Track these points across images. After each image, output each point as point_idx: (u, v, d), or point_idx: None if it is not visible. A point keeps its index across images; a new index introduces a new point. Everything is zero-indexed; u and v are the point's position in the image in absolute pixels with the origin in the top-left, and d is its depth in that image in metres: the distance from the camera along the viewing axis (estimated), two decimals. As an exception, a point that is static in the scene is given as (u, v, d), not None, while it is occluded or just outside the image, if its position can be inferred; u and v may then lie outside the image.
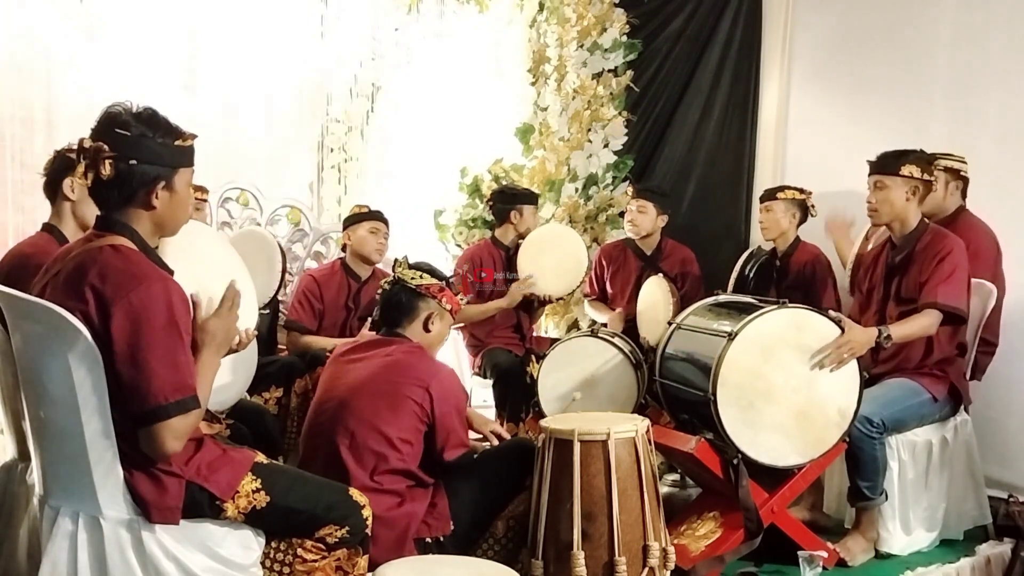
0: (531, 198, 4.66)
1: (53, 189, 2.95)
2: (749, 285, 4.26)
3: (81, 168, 2.08)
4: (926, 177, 3.40)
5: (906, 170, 3.38)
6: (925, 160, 3.41)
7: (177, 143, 2.14)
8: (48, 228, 2.93)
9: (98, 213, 2.18)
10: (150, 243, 2.17)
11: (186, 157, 2.18)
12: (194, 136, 2.18)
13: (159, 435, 2.02)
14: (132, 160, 2.06)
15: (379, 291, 3.00)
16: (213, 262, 2.42)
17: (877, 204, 3.44)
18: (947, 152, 3.84)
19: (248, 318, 2.43)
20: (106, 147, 2.04)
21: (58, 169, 2.92)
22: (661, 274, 4.33)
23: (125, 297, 2.00)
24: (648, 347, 4.20)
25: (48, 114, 4.14)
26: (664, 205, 4.66)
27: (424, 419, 2.75)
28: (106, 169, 2.04)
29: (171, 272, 2.16)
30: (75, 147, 2.76)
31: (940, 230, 3.47)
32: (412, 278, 2.90)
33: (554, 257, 4.41)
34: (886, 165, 3.43)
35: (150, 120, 2.10)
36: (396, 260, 2.98)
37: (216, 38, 4.65)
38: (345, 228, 4.24)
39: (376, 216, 4.20)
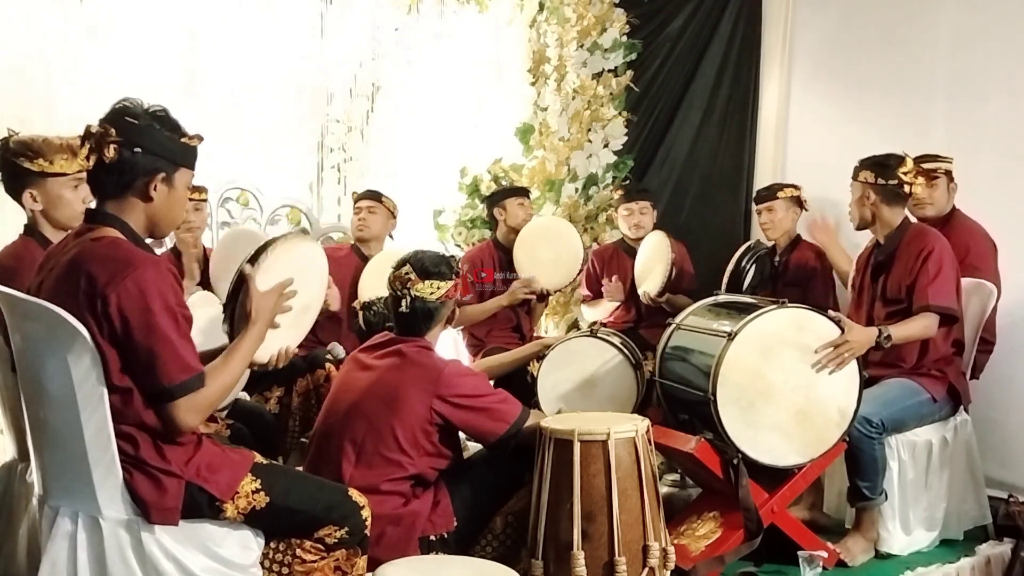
0: (512, 192, 4.66)
1: (14, 197, 2.81)
2: (744, 276, 4.25)
3: (84, 150, 2.10)
4: (881, 181, 3.43)
5: (860, 176, 3.49)
6: (883, 165, 3.44)
7: (183, 140, 2.18)
8: (29, 231, 2.82)
9: (88, 207, 2.20)
10: (142, 237, 2.19)
11: (189, 156, 2.21)
12: (200, 138, 2.22)
13: (172, 413, 2.07)
14: (137, 148, 2.09)
15: (383, 301, 2.96)
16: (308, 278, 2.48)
17: (850, 209, 3.58)
18: (931, 154, 3.84)
19: (292, 338, 2.49)
20: (113, 131, 2.07)
21: (12, 178, 2.78)
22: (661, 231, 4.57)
23: (120, 285, 2.02)
24: (648, 300, 4.49)
25: (48, 114, 4.13)
26: (657, 203, 4.86)
27: (438, 421, 2.75)
28: (110, 153, 2.07)
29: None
30: (10, 144, 2.73)
31: (921, 228, 3.50)
32: (431, 293, 2.83)
33: (550, 250, 4.44)
34: (853, 172, 3.54)
35: (160, 115, 2.15)
36: (400, 278, 2.87)
37: (216, 38, 4.64)
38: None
39: (363, 195, 4.31)
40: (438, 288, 2.84)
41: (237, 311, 2.28)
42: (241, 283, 2.29)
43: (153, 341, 2.03)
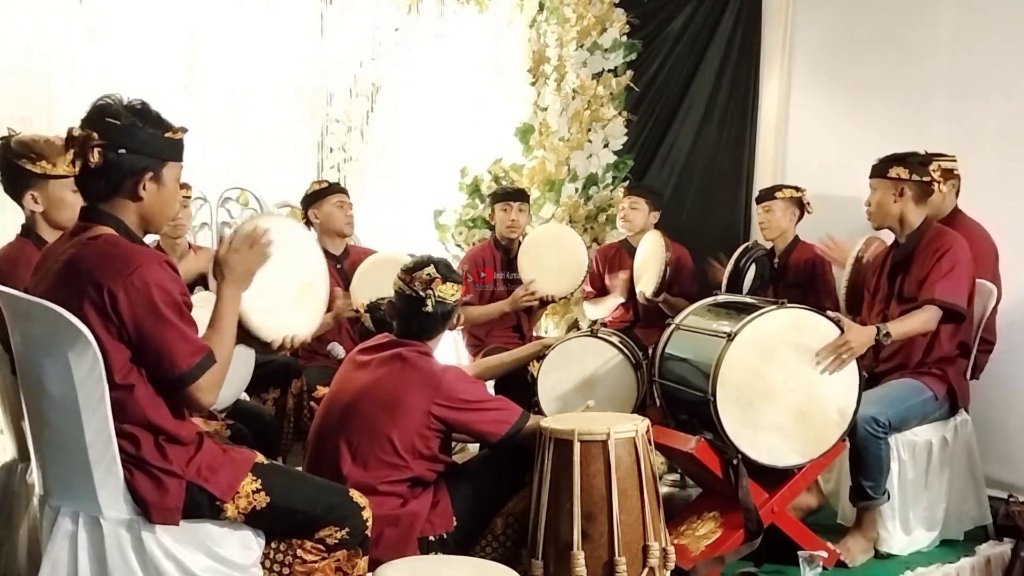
0: (498, 198, 4.63)
1: (15, 198, 2.80)
2: (743, 277, 4.24)
3: (69, 156, 2.08)
4: (916, 178, 3.41)
5: (893, 172, 3.44)
6: (917, 162, 3.43)
7: (167, 135, 2.14)
8: (25, 232, 2.81)
9: (83, 204, 2.19)
10: (137, 235, 2.18)
11: (175, 150, 2.18)
12: (184, 130, 2.18)
13: (192, 396, 2.11)
14: (121, 149, 2.07)
15: (402, 299, 2.89)
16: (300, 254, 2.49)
17: (871, 207, 3.52)
18: (940, 153, 3.84)
19: (302, 326, 2.46)
20: (95, 135, 2.05)
21: (13, 179, 2.76)
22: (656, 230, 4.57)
23: (127, 282, 2.02)
24: (644, 300, 4.50)
25: (48, 114, 4.13)
26: (656, 202, 4.82)
27: (436, 427, 2.76)
28: (94, 157, 2.05)
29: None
30: (11, 145, 2.72)
31: (942, 228, 3.49)
32: (452, 295, 2.87)
33: (554, 258, 4.43)
34: (877, 168, 3.50)
35: (141, 111, 2.11)
36: (422, 279, 2.86)
37: (216, 38, 4.64)
38: (307, 208, 4.14)
39: (339, 189, 4.20)
40: (456, 290, 2.89)
41: (215, 270, 2.27)
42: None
43: (164, 333, 2.05)
